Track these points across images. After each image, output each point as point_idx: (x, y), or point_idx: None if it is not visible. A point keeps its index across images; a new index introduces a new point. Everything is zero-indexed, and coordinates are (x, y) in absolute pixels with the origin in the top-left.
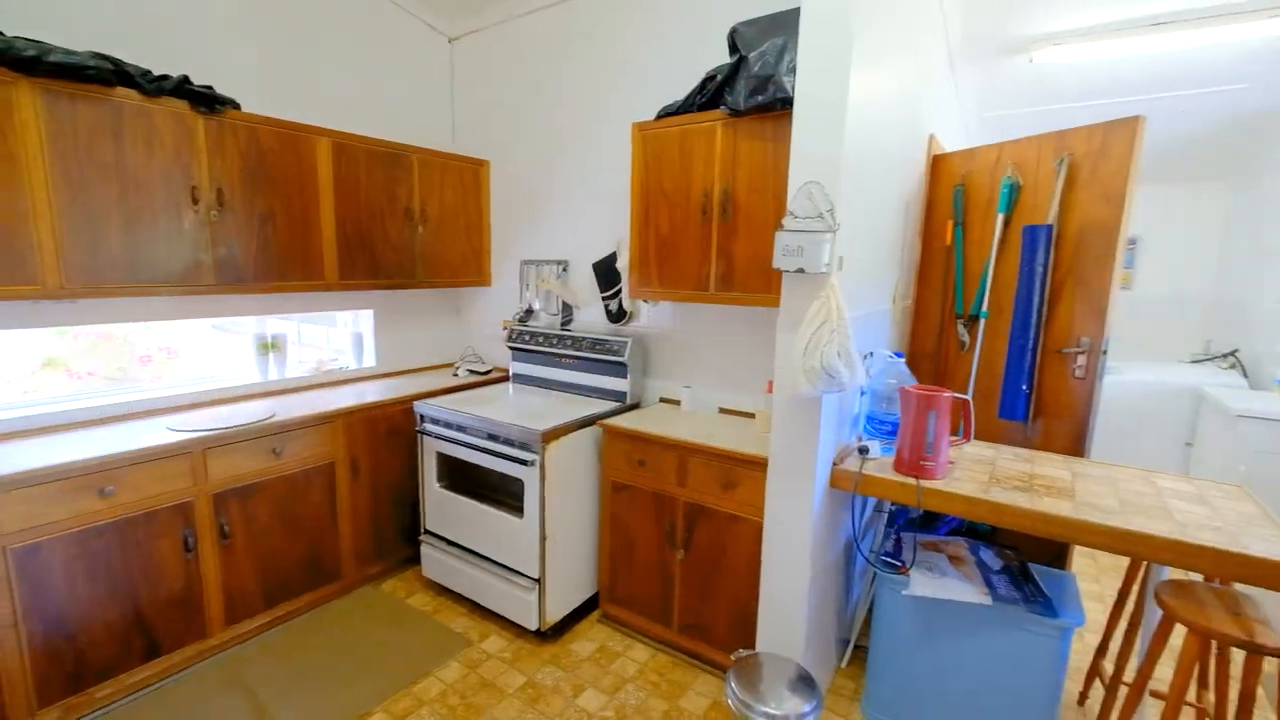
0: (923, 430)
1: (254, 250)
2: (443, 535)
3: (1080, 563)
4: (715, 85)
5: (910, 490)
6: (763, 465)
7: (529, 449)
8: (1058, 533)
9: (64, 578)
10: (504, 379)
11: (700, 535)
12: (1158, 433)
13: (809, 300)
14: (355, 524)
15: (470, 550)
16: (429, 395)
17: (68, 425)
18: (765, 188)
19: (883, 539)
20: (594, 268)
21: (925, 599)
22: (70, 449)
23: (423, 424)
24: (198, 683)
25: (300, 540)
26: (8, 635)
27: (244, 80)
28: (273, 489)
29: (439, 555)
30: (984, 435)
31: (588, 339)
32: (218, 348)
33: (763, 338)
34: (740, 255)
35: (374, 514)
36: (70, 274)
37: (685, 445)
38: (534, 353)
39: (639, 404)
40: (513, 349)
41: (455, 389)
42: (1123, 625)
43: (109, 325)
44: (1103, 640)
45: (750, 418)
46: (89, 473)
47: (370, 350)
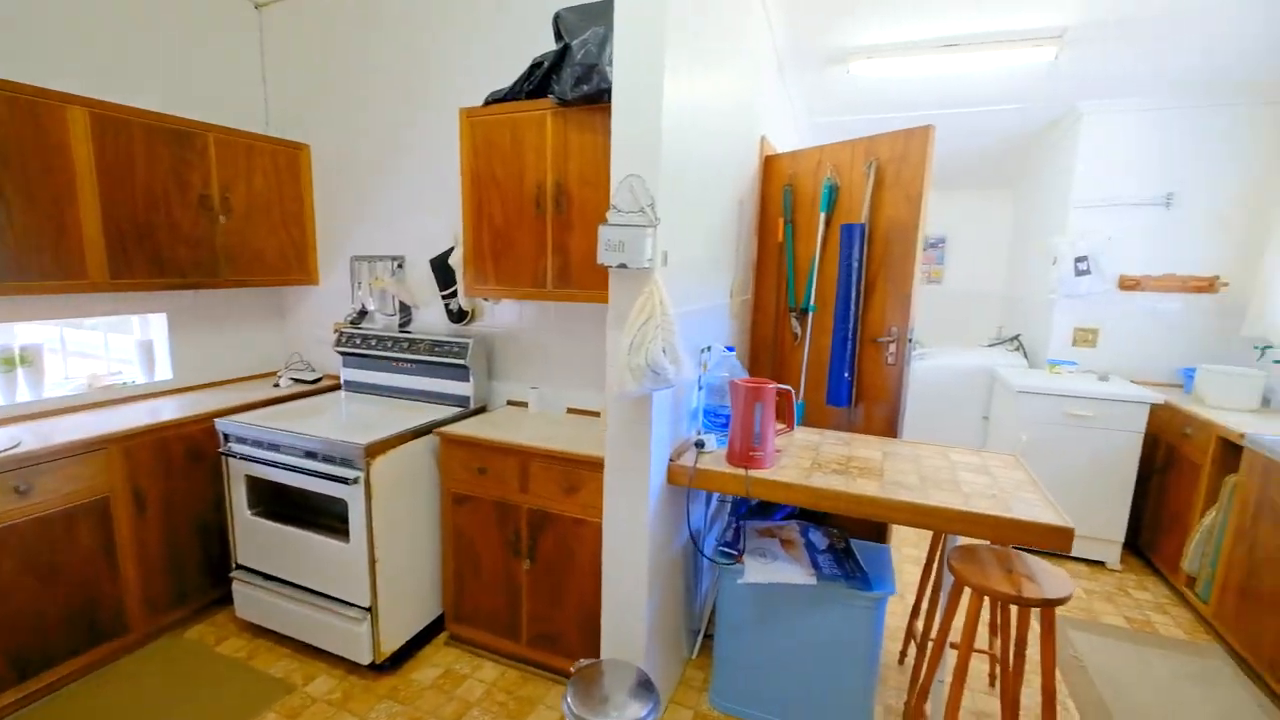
0: (750, 422)
1: None
2: (258, 569)
3: (907, 533)
4: (542, 73)
5: (741, 481)
6: (603, 466)
7: (351, 465)
8: (868, 512)
9: None
10: (336, 387)
11: (546, 542)
12: (962, 408)
13: (634, 297)
14: (144, 566)
15: (291, 583)
16: (236, 410)
17: None
18: (598, 181)
19: (724, 528)
20: (432, 264)
21: (760, 585)
22: None
23: (227, 444)
24: None
25: (62, 593)
26: None
27: None
28: (16, 535)
29: (254, 592)
30: (816, 421)
31: (427, 341)
32: None
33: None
34: (576, 250)
35: (170, 553)
36: None
37: (526, 450)
38: (368, 357)
39: (485, 408)
40: (343, 354)
41: (273, 401)
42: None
43: None
44: (915, 602)
45: (598, 416)
46: None
47: (164, 360)
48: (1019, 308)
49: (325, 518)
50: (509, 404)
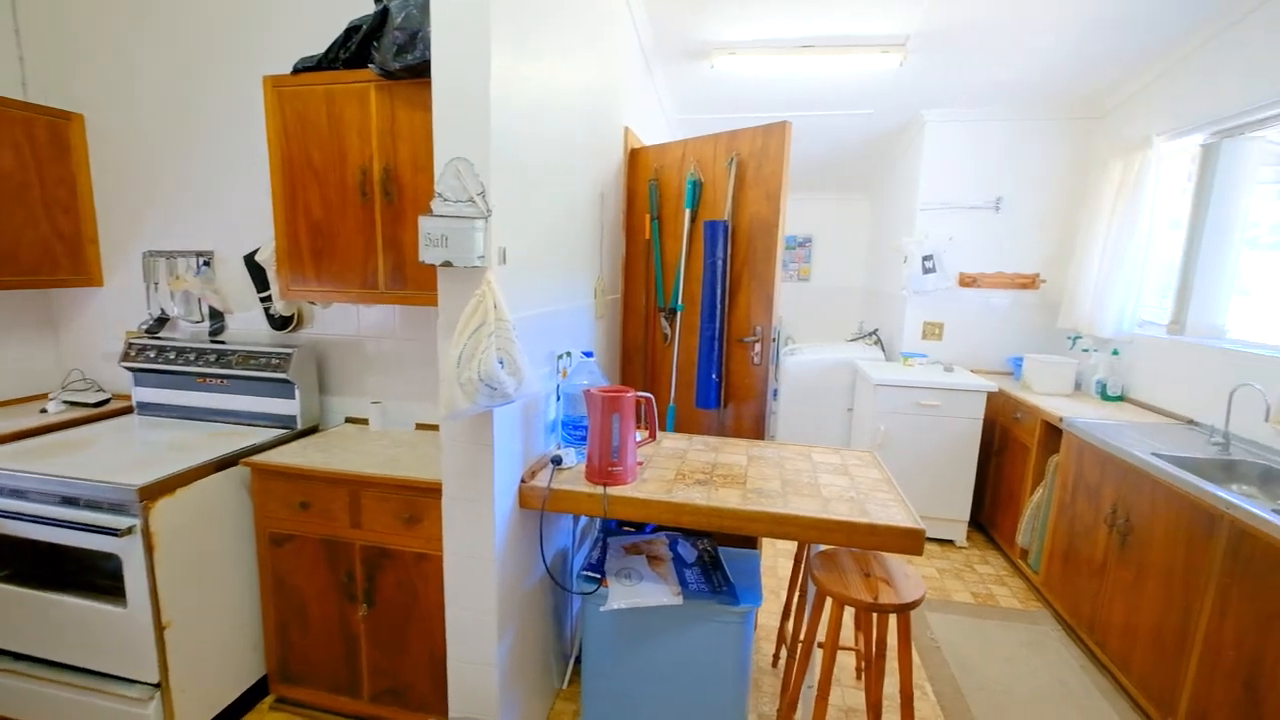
0: (608, 434)
1: None
2: (6, 649)
3: None
4: (360, 37)
5: (599, 500)
6: None
7: (122, 512)
8: (728, 525)
9: None
10: (128, 410)
11: (385, 583)
12: (828, 400)
13: (465, 300)
14: None
15: (49, 662)
16: None
17: None
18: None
19: (593, 545)
20: (246, 262)
21: (625, 609)
22: None
23: None
24: None
25: None
26: None
27: None
28: None
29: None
30: (688, 424)
31: (241, 352)
32: None
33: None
34: (412, 246)
35: None
36: None
37: (356, 478)
38: (169, 373)
39: (317, 428)
40: (134, 370)
41: (30, 433)
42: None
43: None
44: (786, 603)
45: None
46: None
47: None
48: (877, 303)
49: (94, 576)
50: (348, 422)
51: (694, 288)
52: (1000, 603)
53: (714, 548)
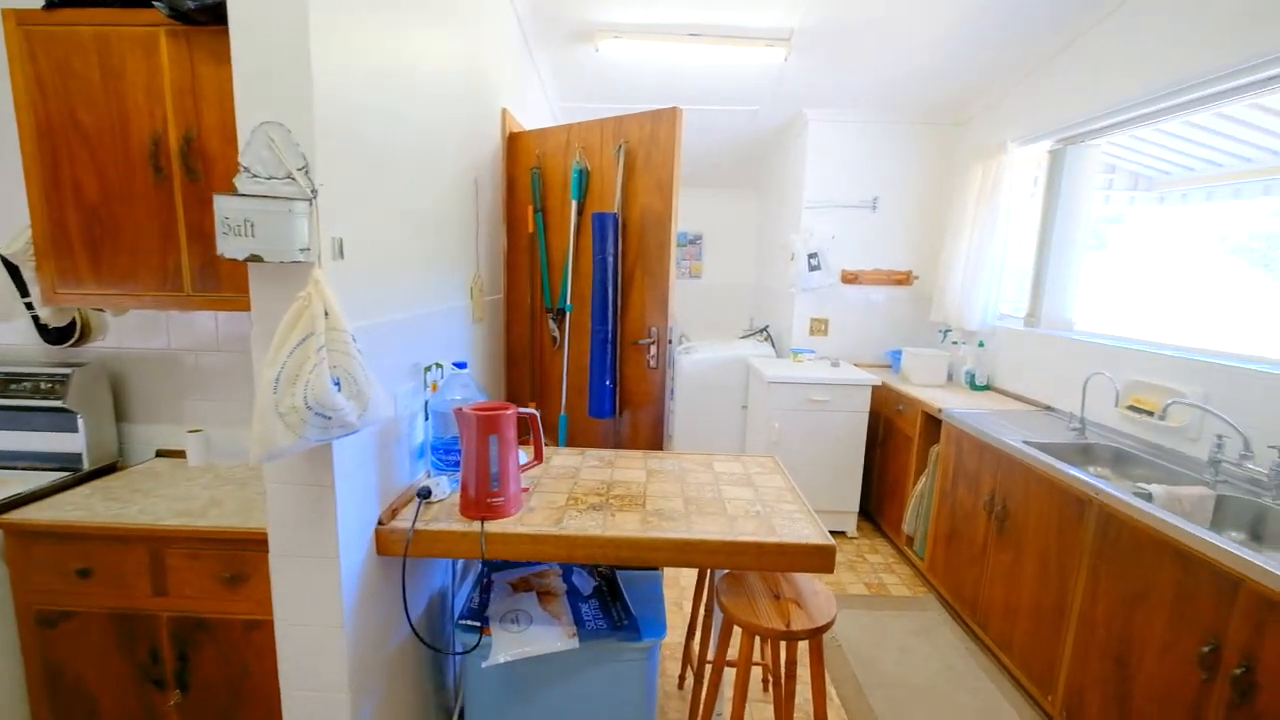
0: (485, 459)
1: None
2: None
3: None
4: None
5: (476, 539)
6: None
7: None
8: (628, 557)
9: None
10: None
11: (203, 660)
12: (724, 399)
13: (285, 305)
14: None
15: None
16: None
17: None
18: None
19: (475, 583)
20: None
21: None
22: None
23: None
24: None
25: None
26: None
27: None
28: None
29: None
30: (581, 436)
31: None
32: None
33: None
34: None
35: None
36: None
37: (157, 532)
38: None
39: (116, 466)
40: None
41: None
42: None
43: None
44: (691, 623)
45: None
46: None
47: None
48: (767, 300)
49: None
50: (159, 456)
51: (584, 286)
52: (891, 591)
53: (612, 573)
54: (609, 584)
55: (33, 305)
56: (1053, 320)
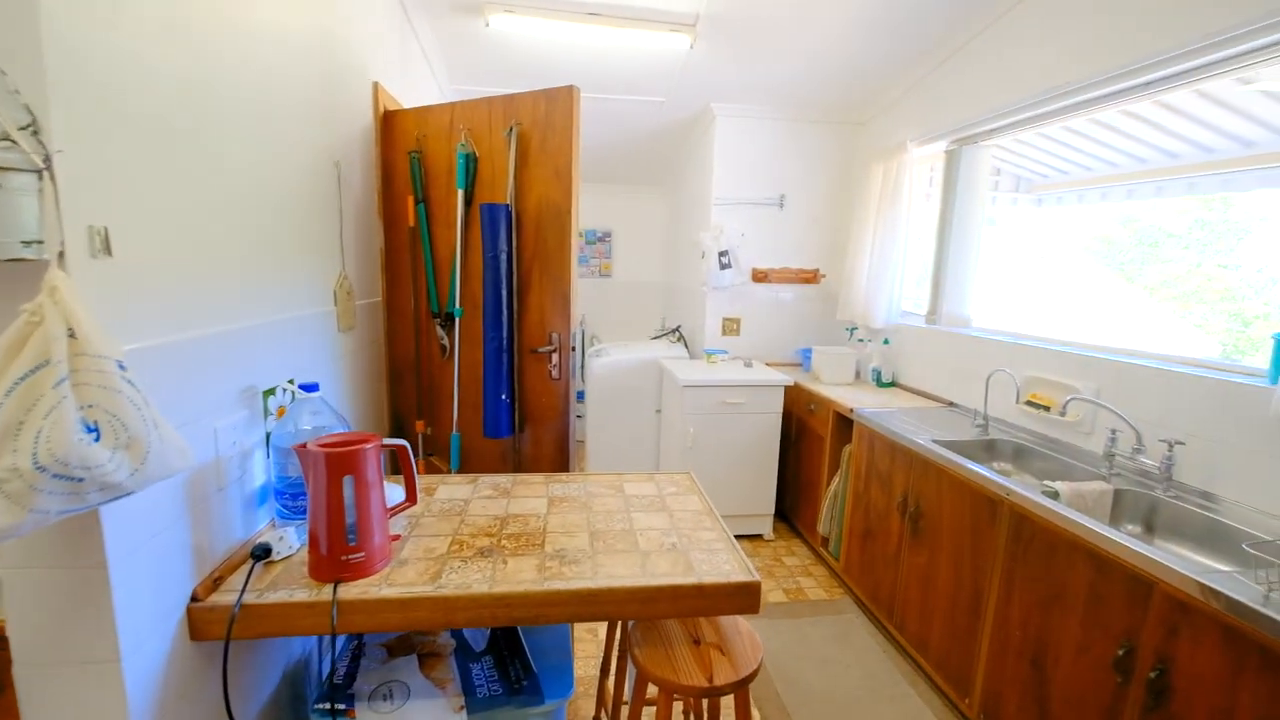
0: (337, 507)
1: None
2: None
3: None
4: None
5: (326, 610)
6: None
7: None
8: (521, 616)
9: None
10: None
11: None
12: (638, 403)
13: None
14: None
15: None
16: None
17: None
18: None
19: (343, 648)
20: None
21: None
22: None
23: None
24: None
25: None
26: None
27: None
28: None
29: None
30: (476, 458)
31: None
32: None
33: None
34: None
35: None
36: None
37: None
38: None
39: None
40: None
41: None
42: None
43: None
44: (605, 659)
45: None
46: None
47: None
48: (678, 299)
49: None
50: None
51: (475, 288)
52: (809, 595)
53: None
54: (506, 634)
55: None
56: (952, 317)
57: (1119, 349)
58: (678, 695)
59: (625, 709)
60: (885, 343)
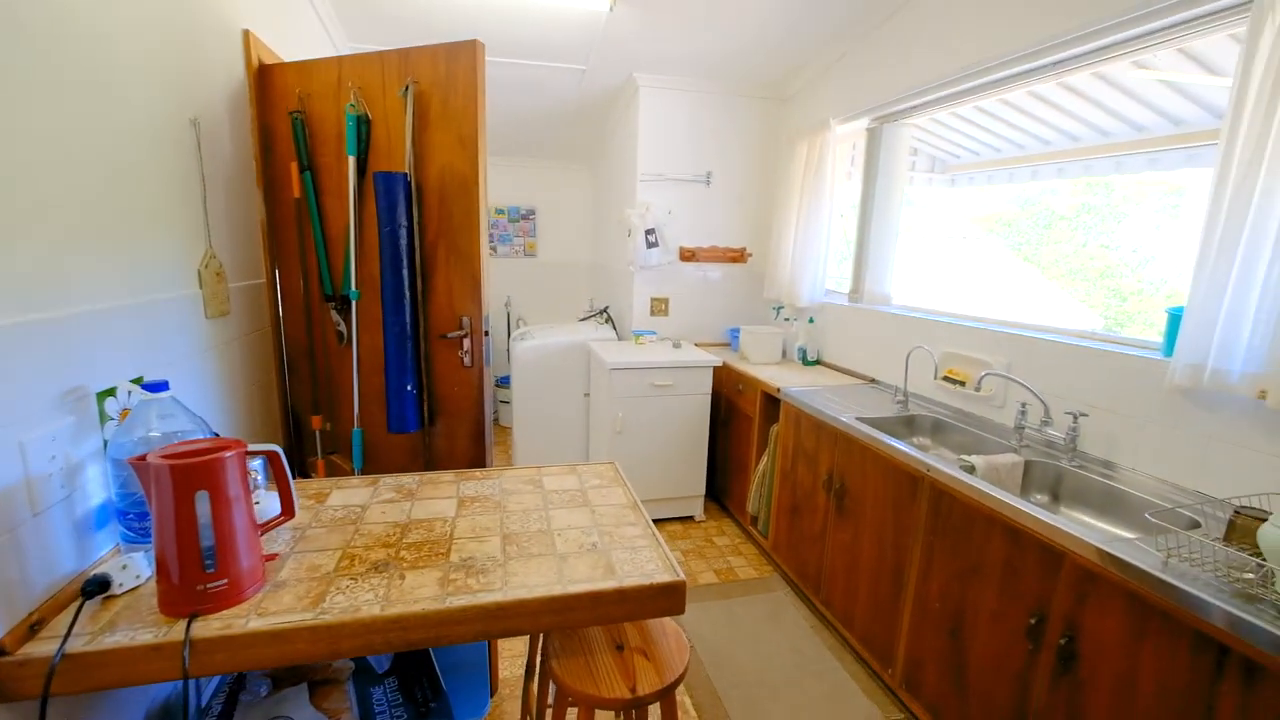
0: (190, 529)
1: None
2: None
3: None
4: None
5: (176, 652)
6: None
7: None
8: (417, 639)
9: None
10: None
11: None
12: (566, 387)
13: None
14: None
15: None
16: None
17: None
18: None
19: (220, 684)
20: None
21: None
22: None
23: None
24: None
25: None
26: None
27: None
28: None
29: None
30: (383, 456)
31: None
32: None
33: None
34: None
35: None
36: None
37: None
38: None
39: None
40: None
41: None
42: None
43: None
44: (529, 660)
45: None
46: None
47: None
48: (606, 280)
49: None
50: None
51: (373, 267)
52: (739, 574)
53: None
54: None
55: None
56: (873, 296)
57: (1027, 325)
58: (598, 707)
59: (550, 712)
60: (810, 321)
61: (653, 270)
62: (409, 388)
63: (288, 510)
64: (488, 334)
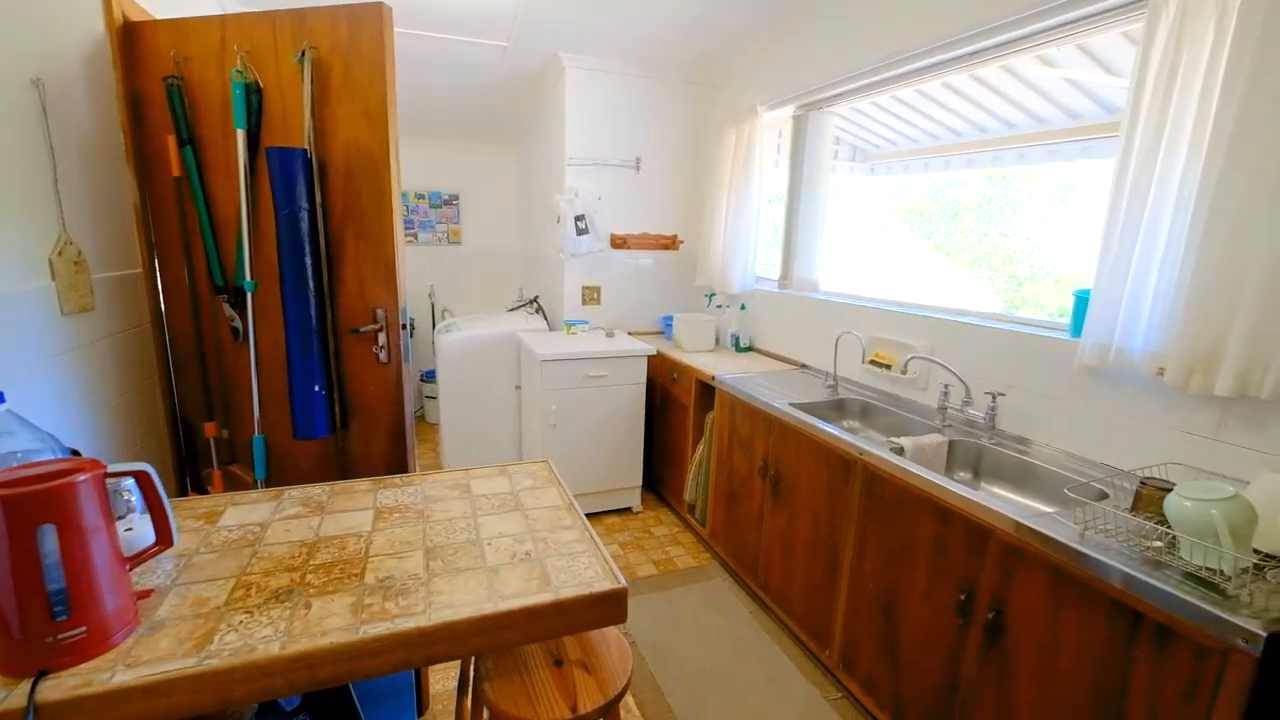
0: (32, 571)
1: None
2: None
3: None
4: None
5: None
6: None
7: None
8: (325, 677)
9: None
10: None
11: None
12: (497, 381)
13: None
14: None
15: None
16: None
17: None
18: None
19: None
20: None
21: None
22: None
23: None
24: None
25: None
26: None
27: None
28: None
29: None
30: (291, 465)
31: None
32: None
33: None
34: None
35: None
36: None
37: None
38: None
39: None
40: None
41: None
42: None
43: None
44: (462, 674)
45: None
46: None
47: None
48: (536, 268)
49: None
50: None
51: (271, 254)
52: (678, 564)
53: None
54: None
55: None
56: (802, 282)
57: (949, 309)
58: None
59: None
60: (742, 308)
61: (583, 258)
62: (316, 388)
63: (164, 538)
64: (406, 327)
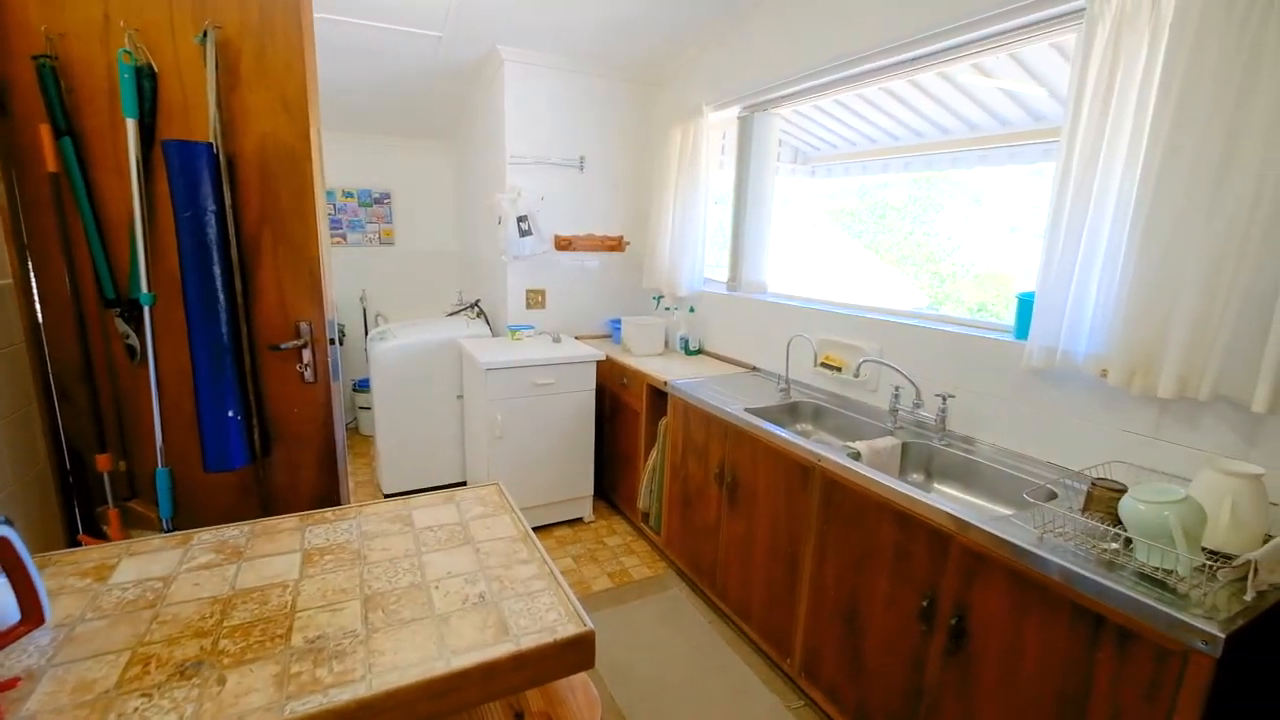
0: None
1: None
2: None
3: None
4: None
5: None
6: None
7: None
8: None
9: None
10: None
11: None
12: (437, 390)
13: None
14: None
15: None
16: None
17: None
18: None
19: None
20: None
21: None
22: None
23: None
24: None
25: None
26: None
27: None
28: None
29: None
30: (201, 503)
31: None
32: None
33: None
34: None
35: None
36: None
37: None
38: None
39: None
40: None
41: None
42: None
43: None
44: None
45: None
46: None
47: None
48: (477, 271)
49: None
50: None
51: (172, 263)
52: (633, 574)
53: None
54: None
55: None
56: (750, 284)
57: (895, 310)
58: None
59: None
60: (691, 311)
61: (527, 260)
62: (230, 413)
63: (32, 616)
64: (335, 342)
